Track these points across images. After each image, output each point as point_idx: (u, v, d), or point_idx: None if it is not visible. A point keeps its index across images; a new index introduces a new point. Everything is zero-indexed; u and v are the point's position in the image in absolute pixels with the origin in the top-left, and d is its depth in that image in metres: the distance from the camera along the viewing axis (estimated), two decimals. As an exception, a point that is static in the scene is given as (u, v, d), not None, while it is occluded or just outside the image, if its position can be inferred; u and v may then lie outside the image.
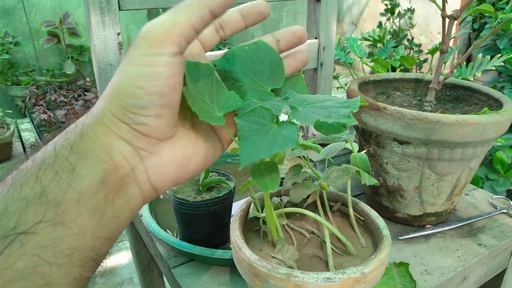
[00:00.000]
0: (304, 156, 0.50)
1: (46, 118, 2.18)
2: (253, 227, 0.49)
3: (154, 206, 0.72)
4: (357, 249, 0.45)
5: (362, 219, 0.48)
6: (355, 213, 0.49)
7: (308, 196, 0.51)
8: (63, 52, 3.04)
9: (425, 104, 0.67)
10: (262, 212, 0.47)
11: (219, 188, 0.60)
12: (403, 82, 0.77)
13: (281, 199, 0.51)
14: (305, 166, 0.50)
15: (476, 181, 1.06)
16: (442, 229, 0.66)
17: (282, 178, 0.62)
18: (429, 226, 0.67)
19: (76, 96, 2.40)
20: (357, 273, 0.37)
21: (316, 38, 1.05)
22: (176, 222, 0.63)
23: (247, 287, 0.55)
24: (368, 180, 0.45)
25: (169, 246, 0.63)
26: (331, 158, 0.50)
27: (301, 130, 1.04)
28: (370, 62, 1.42)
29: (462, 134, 0.55)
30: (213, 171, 0.63)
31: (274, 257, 0.43)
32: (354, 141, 0.52)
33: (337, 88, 2.21)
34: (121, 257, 1.66)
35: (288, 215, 0.51)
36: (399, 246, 0.63)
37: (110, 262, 1.64)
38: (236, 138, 0.32)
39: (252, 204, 0.48)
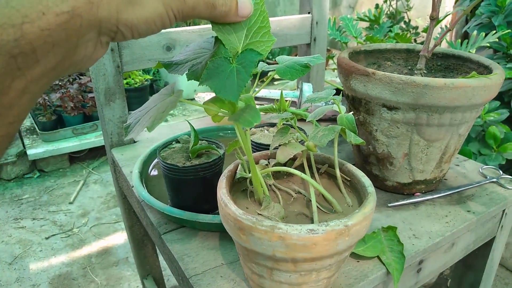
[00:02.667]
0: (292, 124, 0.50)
1: (41, 102, 2.17)
2: (240, 188, 0.49)
3: (146, 177, 0.72)
4: (343, 208, 0.46)
5: (349, 179, 0.49)
6: (342, 174, 0.49)
7: (295, 159, 0.51)
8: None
9: (416, 72, 0.66)
10: (249, 173, 0.48)
11: (208, 154, 0.60)
12: (394, 52, 0.77)
13: (268, 162, 0.51)
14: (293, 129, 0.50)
15: (469, 156, 1.07)
16: (431, 197, 0.67)
17: (265, 145, 0.62)
18: (418, 194, 0.68)
19: (71, 79, 2.39)
20: (340, 226, 0.37)
21: (309, 12, 1.05)
22: (166, 190, 0.63)
23: (236, 251, 0.55)
24: (354, 139, 0.45)
25: (160, 213, 0.63)
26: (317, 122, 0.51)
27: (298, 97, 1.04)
28: (365, 42, 1.41)
29: (450, 98, 0.55)
30: (203, 139, 0.64)
31: (260, 214, 0.44)
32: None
33: (333, 70, 2.21)
34: (117, 237, 1.67)
35: (276, 177, 0.51)
36: (388, 213, 0.64)
37: (105, 242, 1.65)
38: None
39: (240, 165, 0.49)
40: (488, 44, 1.20)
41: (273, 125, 0.72)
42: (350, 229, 0.38)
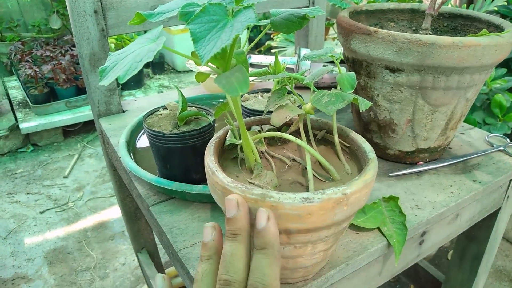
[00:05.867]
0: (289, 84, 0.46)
1: (32, 74, 2.10)
2: (230, 155, 0.45)
3: (134, 147, 0.68)
4: (341, 176, 0.42)
5: (348, 145, 0.45)
6: (341, 140, 0.45)
7: (290, 125, 0.47)
8: (49, 6, 2.92)
9: (421, 33, 0.62)
10: (240, 140, 0.44)
11: (198, 121, 0.56)
12: (397, 13, 0.72)
13: (261, 128, 0.47)
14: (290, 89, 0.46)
15: (473, 126, 1.03)
16: (435, 166, 0.63)
17: (258, 111, 0.58)
18: (421, 163, 0.64)
19: (63, 51, 2.32)
20: (338, 194, 0.34)
21: (307, -26, 0.98)
22: (154, 160, 0.59)
23: (228, 223, 0.52)
24: (364, 104, 0.41)
25: (148, 185, 0.60)
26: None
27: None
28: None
29: (458, 58, 0.51)
30: (193, 106, 0.59)
31: (251, 183, 0.40)
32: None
33: (333, 39, 2.14)
34: (113, 211, 1.65)
35: (270, 144, 0.47)
36: (389, 183, 0.60)
37: (101, 216, 1.63)
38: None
39: (230, 131, 0.45)
40: (496, 8, 1.14)
41: (268, 90, 0.68)
42: (348, 198, 0.34)
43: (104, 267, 1.39)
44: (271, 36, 2.03)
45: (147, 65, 3.09)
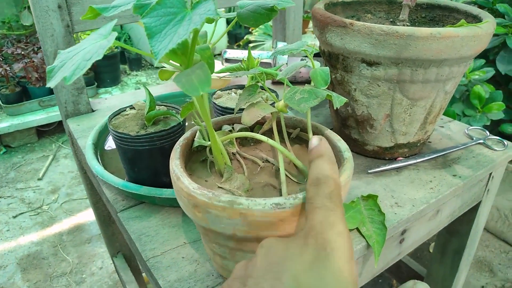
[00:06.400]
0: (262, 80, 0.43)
1: (2, 73, 2.02)
2: (200, 158, 0.42)
3: (102, 149, 0.65)
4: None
5: (324, 144, 0.43)
6: (316, 138, 0.43)
7: (263, 123, 0.45)
8: (20, 2, 2.82)
9: (398, 24, 0.60)
10: (209, 141, 0.41)
11: (167, 121, 0.53)
12: (375, 4, 0.70)
13: (233, 127, 0.45)
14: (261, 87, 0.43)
15: (452, 118, 1.02)
16: (415, 161, 0.61)
17: (231, 109, 0.55)
18: (401, 158, 0.62)
19: (35, 48, 2.24)
20: (312, 198, 0.31)
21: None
22: (121, 163, 0.56)
23: (200, 228, 0.49)
24: (339, 101, 0.38)
25: (116, 189, 0.56)
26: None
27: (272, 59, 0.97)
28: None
29: (436, 49, 0.49)
30: (162, 105, 0.56)
31: (221, 187, 0.37)
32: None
33: (312, 32, 2.12)
34: (90, 213, 1.60)
35: (242, 144, 0.45)
36: (368, 180, 0.58)
37: (77, 219, 1.58)
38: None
39: (198, 132, 0.42)
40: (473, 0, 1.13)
41: (242, 87, 0.65)
42: (324, 202, 0.32)
43: (80, 271, 1.34)
44: (250, 30, 2.00)
45: (124, 62, 3.02)
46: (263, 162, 0.42)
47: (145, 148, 0.50)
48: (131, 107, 0.56)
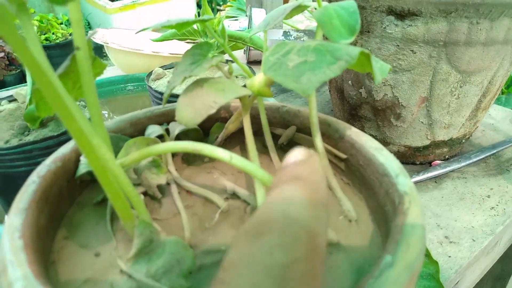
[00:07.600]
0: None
1: None
2: (92, 197, 0.21)
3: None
4: (337, 225, 0.19)
5: (344, 156, 0.22)
6: (328, 145, 0.22)
7: (226, 120, 0.24)
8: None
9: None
10: (117, 157, 0.20)
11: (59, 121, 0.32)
12: None
13: (166, 129, 0.24)
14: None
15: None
16: (458, 166, 0.42)
17: (177, 96, 0.33)
18: (438, 162, 0.42)
19: None
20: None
21: None
22: None
23: None
24: (381, 69, 0.17)
25: None
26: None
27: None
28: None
29: (519, -16, 0.29)
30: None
31: (128, 274, 0.16)
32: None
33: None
34: None
35: (186, 161, 0.24)
36: (397, 199, 0.38)
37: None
38: None
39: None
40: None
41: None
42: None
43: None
44: (221, 8, 1.80)
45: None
46: (226, 198, 0.21)
47: (20, 170, 0.28)
48: (12, 99, 0.34)
